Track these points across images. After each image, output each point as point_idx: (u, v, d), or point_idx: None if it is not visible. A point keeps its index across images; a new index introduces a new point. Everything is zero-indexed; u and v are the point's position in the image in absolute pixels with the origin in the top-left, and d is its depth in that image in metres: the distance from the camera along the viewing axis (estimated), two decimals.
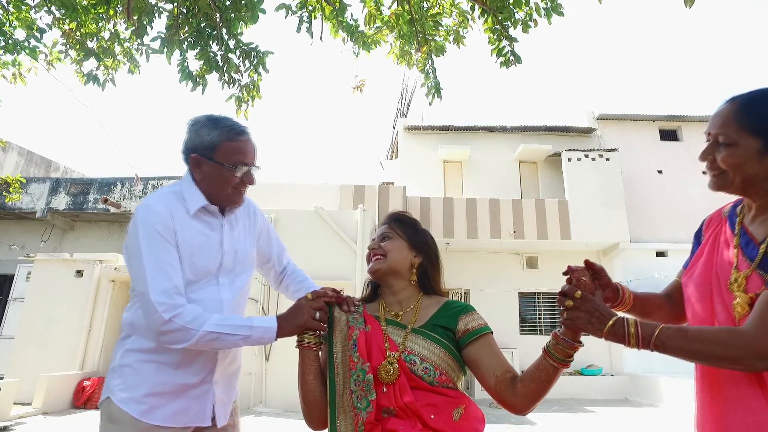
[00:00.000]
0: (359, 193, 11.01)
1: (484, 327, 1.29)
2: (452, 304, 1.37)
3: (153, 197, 1.41)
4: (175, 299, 1.28)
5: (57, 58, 4.40)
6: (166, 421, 1.34)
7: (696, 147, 12.72)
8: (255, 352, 8.46)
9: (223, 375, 1.49)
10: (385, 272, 1.39)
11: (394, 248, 1.41)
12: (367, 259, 1.45)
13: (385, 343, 1.29)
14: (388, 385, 1.23)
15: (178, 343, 1.27)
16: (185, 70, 3.85)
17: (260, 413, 7.77)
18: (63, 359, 8.36)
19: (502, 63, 3.36)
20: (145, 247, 1.30)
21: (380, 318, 1.37)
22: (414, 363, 1.24)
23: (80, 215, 12.90)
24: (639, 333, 1.00)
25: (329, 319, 1.37)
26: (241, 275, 1.54)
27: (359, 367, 1.26)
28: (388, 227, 1.47)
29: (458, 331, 1.29)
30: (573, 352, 1.11)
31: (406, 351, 1.26)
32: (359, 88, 4.70)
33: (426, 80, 3.85)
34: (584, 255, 11.63)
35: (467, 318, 1.31)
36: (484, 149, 12.89)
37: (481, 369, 1.24)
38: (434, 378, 1.22)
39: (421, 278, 1.42)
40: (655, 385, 9.36)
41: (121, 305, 9.23)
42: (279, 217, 9.26)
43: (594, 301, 1.09)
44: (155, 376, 1.35)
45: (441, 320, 1.32)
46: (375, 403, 1.21)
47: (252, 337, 1.33)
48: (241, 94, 4.01)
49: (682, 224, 11.91)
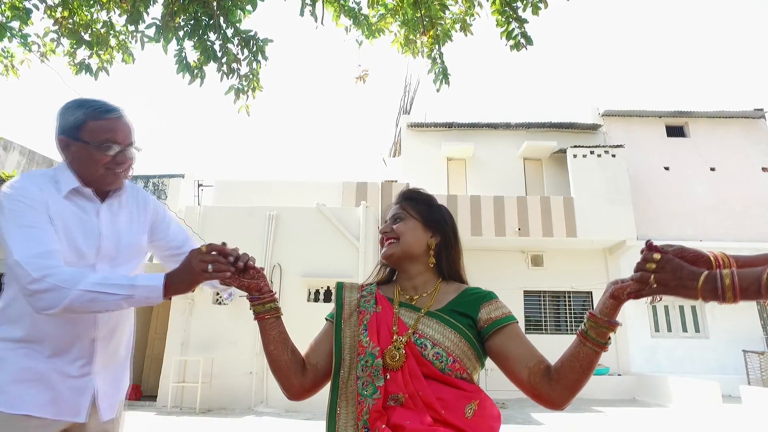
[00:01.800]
0: (362, 190, 10.87)
1: (509, 316, 1.18)
2: (472, 290, 1.26)
3: (19, 178, 1.33)
4: (47, 260, 1.17)
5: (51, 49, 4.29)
6: (32, 411, 1.22)
7: (704, 143, 12.56)
8: (256, 351, 8.34)
9: (107, 365, 1.39)
10: (399, 257, 1.27)
11: (408, 230, 1.29)
12: (380, 243, 1.33)
13: (393, 326, 1.18)
14: (393, 371, 1.11)
15: (51, 307, 1.14)
16: (182, 61, 3.72)
17: (261, 413, 7.64)
18: None
19: (512, 46, 3.21)
20: (10, 220, 1.21)
21: (394, 300, 1.26)
22: (425, 347, 1.13)
23: None
24: (736, 283, 0.84)
25: (338, 301, 1.28)
26: (125, 264, 1.45)
27: (368, 352, 1.15)
28: (400, 207, 1.34)
29: (480, 320, 1.17)
30: (612, 333, 1.02)
31: (416, 334, 1.15)
32: (362, 78, 4.56)
33: (433, 66, 3.70)
34: (590, 253, 11.52)
35: (490, 306, 1.19)
36: (488, 146, 12.73)
37: (510, 361, 1.11)
38: (446, 365, 1.10)
39: (438, 260, 1.31)
40: (664, 384, 9.19)
41: None
42: (280, 214, 9.14)
43: (677, 260, 0.93)
44: (22, 362, 1.24)
45: (460, 306, 1.20)
46: (383, 390, 1.09)
47: (135, 296, 1.19)
48: (240, 85, 3.88)
49: (690, 221, 11.74)
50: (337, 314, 1.25)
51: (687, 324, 11.17)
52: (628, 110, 12.87)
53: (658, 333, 11.08)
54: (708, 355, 10.73)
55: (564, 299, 11.41)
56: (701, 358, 10.69)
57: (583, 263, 11.34)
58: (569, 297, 11.40)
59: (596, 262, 11.51)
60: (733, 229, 11.67)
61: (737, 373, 9.93)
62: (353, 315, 1.24)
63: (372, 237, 9.07)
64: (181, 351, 8.37)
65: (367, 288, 1.32)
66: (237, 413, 7.67)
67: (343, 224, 8.98)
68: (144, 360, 9.88)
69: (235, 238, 8.85)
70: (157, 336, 9.79)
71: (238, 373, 8.24)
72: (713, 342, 10.84)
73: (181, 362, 8.21)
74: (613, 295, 0.98)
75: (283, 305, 1.25)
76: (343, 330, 1.21)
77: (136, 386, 8.83)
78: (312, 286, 8.74)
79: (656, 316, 11.21)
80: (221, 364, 8.27)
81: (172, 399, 7.92)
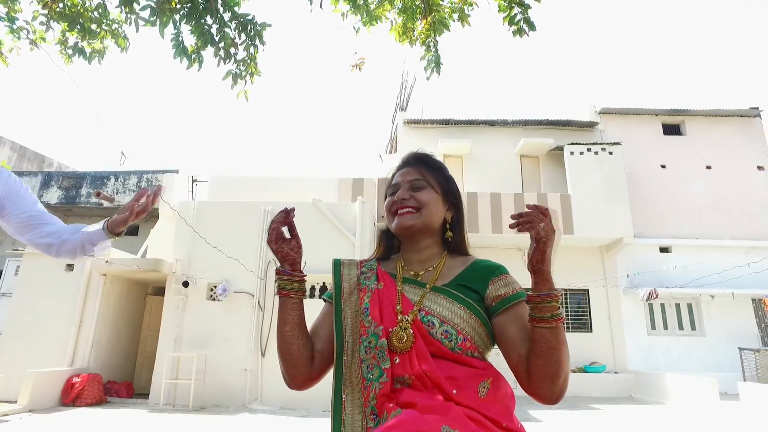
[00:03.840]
0: (358, 186, 10.79)
1: (518, 293, 1.08)
2: (481, 262, 1.17)
3: None
4: None
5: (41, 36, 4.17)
6: None
7: (700, 142, 12.56)
8: (251, 348, 8.23)
9: None
10: (419, 230, 1.17)
11: (431, 201, 1.19)
12: (389, 210, 1.21)
13: (397, 304, 1.09)
14: (402, 354, 1.02)
15: None
16: (179, 45, 3.63)
17: (256, 411, 7.53)
18: (52, 355, 8.11)
19: (515, 32, 3.13)
20: None
21: (396, 276, 1.16)
22: (432, 325, 1.04)
23: (73, 209, 12.65)
24: None
25: (336, 279, 1.18)
26: None
27: (371, 332, 1.06)
28: (418, 172, 1.22)
29: (487, 298, 1.09)
30: (549, 304, 0.97)
31: (423, 311, 1.06)
32: (358, 66, 4.47)
33: (426, 53, 3.62)
34: (587, 250, 11.48)
35: (499, 282, 1.10)
36: (485, 143, 12.67)
37: (505, 344, 1.04)
38: (456, 344, 1.02)
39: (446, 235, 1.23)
40: (661, 382, 9.16)
41: (113, 299, 8.98)
42: (276, 209, 9.02)
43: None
44: None
45: (468, 281, 1.12)
46: (389, 372, 1.00)
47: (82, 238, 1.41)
48: (238, 70, 3.79)
49: (687, 220, 11.74)
50: (336, 293, 1.16)
51: (683, 322, 11.16)
52: (624, 108, 12.85)
53: (654, 331, 11.07)
54: (704, 352, 10.73)
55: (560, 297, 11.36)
56: (697, 356, 10.69)
57: (580, 261, 11.30)
58: (566, 295, 11.36)
59: (593, 260, 11.48)
60: (729, 227, 11.68)
61: (733, 370, 9.93)
62: (353, 293, 1.15)
63: (368, 233, 8.98)
64: (174, 347, 8.24)
65: (367, 264, 1.23)
66: (231, 411, 7.55)
67: (339, 220, 8.89)
68: (137, 357, 9.73)
69: (230, 233, 8.78)
70: (150, 333, 9.65)
71: (232, 370, 8.13)
72: (709, 340, 10.84)
73: (174, 359, 8.08)
74: (531, 270, 1.00)
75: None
76: (343, 310, 1.12)
77: (128, 384, 8.69)
78: (307, 282, 8.63)
79: (653, 314, 11.20)
80: (215, 361, 8.15)
81: (165, 396, 7.79)
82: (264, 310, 8.43)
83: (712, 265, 10.80)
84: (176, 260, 8.71)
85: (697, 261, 10.96)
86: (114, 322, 8.99)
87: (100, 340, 8.56)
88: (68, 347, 8.19)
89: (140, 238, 12.06)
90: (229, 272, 8.50)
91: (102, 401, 7.83)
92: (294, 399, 7.75)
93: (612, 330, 10.98)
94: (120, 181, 12.40)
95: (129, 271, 8.75)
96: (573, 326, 11.18)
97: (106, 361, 8.68)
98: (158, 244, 10.02)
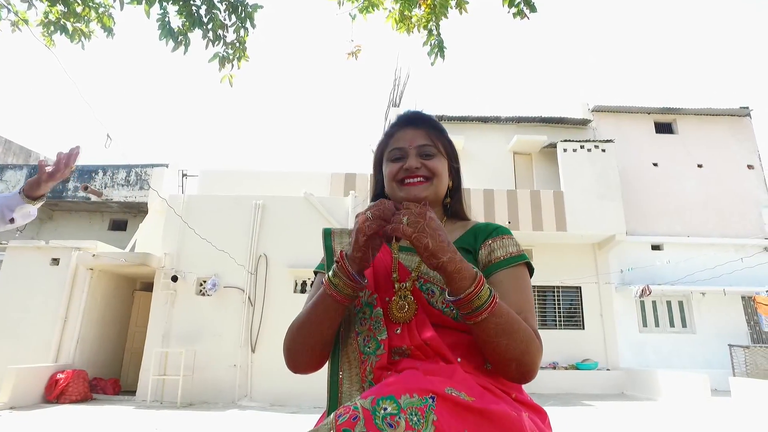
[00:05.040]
0: (350, 181, 10.69)
1: (514, 256, 0.98)
2: (482, 224, 1.08)
3: None
4: None
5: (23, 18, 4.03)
6: None
7: (692, 140, 12.63)
8: (241, 343, 8.10)
9: None
10: (430, 201, 1.06)
11: (443, 170, 1.09)
12: (394, 178, 1.07)
13: (393, 273, 1.00)
14: (404, 324, 0.93)
15: None
16: (165, 26, 3.51)
17: (245, 407, 7.41)
18: (36, 351, 7.91)
19: (515, 14, 3.08)
20: None
21: (392, 245, 1.06)
22: (432, 293, 0.95)
23: (59, 204, 12.38)
24: None
25: (328, 250, 1.10)
26: None
27: (365, 302, 0.98)
28: (426, 137, 1.09)
29: (480, 262, 1.00)
30: (475, 296, 0.82)
31: (422, 279, 0.97)
32: (354, 54, 4.37)
33: (429, 38, 3.54)
34: (579, 247, 11.48)
35: (494, 244, 1.01)
36: (478, 140, 12.62)
37: None
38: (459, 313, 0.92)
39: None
40: (653, 379, 9.17)
41: (100, 295, 8.79)
42: (267, 203, 8.91)
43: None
44: None
45: (468, 244, 1.03)
46: (386, 344, 0.91)
47: None
48: (226, 53, 3.67)
49: (678, 217, 11.78)
50: (329, 263, 1.06)
51: (674, 319, 11.21)
52: (617, 106, 12.87)
53: (646, 328, 11.09)
54: (695, 349, 10.77)
55: (553, 294, 11.35)
56: (688, 353, 10.73)
57: (573, 258, 11.30)
58: (558, 292, 11.35)
59: (585, 257, 11.48)
60: (720, 225, 11.75)
61: (723, 367, 9.97)
62: None
63: None
64: (163, 343, 8.08)
65: None
66: (220, 407, 7.42)
67: (332, 214, 8.78)
68: (124, 354, 9.55)
69: (220, 227, 8.62)
70: (138, 329, 9.47)
71: (221, 366, 7.99)
72: (700, 337, 10.88)
73: (162, 354, 7.92)
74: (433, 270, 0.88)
75: (269, 296, 1.07)
76: None
77: (114, 380, 8.50)
78: (299, 277, 8.52)
79: (644, 311, 11.22)
80: (204, 357, 8.01)
81: (152, 393, 7.63)
82: (254, 305, 8.29)
83: (703, 263, 10.85)
84: (165, 254, 8.55)
85: (688, 258, 11.00)
86: (101, 317, 8.80)
87: (86, 335, 8.37)
88: (53, 343, 7.99)
89: (129, 233, 11.85)
90: (219, 267, 8.36)
91: (87, 398, 7.65)
92: (284, 395, 7.63)
93: (604, 327, 10.98)
94: (108, 175, 12.15)
95: (116, 266, 8.57)
96: (565, 323, 11.17)
97: (92, 358, 8.49)
98: (147, 239, 9.84)
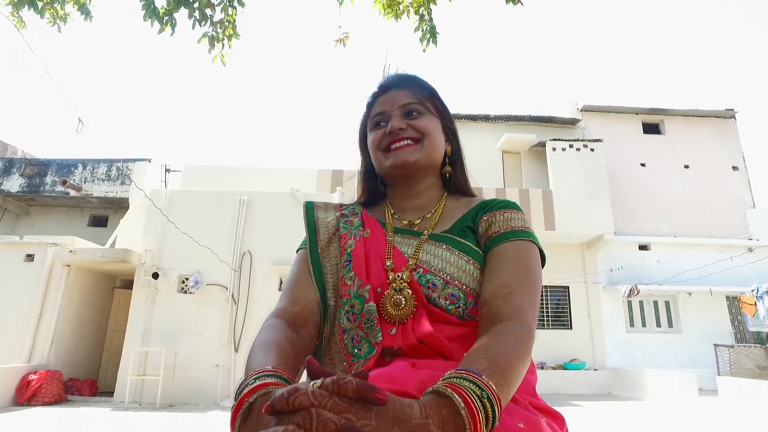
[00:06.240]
0: (337, 177, 10.51)
1: (515, 230, 0.82)
2: (488, 200, 0.92)
3: None
4: None
5: None
6: None
7: (679, 141, 12.69)
8: (223, 343, 7.88)
9: None
10: (422, 165, 0.90)
11: (435, 128, 0.92)
12: (378, 146, 0.91)
13: (387, 260, 0.82)
14: (400, 325, 0.76)
15: None
16: (149, 6, 3.31)
17: (227, 408, 7.19)
18: (8, 351, 7.60)
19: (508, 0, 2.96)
20: None
21: (386, 225, 0.90)
22: (433, 287, 0.78)
23: (36, 199, 11.99)
24: None
25: (310, 225, 0.93)
26: None
27: (353, 292, 0.80)
28: (412, 95, 0.92)
29: (480, 239, 0.85)
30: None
31: (420, 269, 0.80)
32: (342, 41, 4.22)
33: (420, 23, 3.41)
34: (567, 247, 11.44)
35: (493, 217, 0.85)
36: (467, 138, 12.35)
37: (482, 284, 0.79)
38: (465, 310, 0.78)
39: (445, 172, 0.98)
40: (640, 378, 9.15)
41: (76, 292, 8.49)
42: (252, 199, 8.69)
43: None
44: None
45: (469, 221, 0.88)
46: (380, 348, 0.75)
47: None
48: (214, 33, 3.48)
49: (665, 217, 11.83)
50: (312, 241, 0.90)
51: (661, 319, 11.23)
52: (606, 106, 12.88)
53: (633, 328, 11.10)
54: (681, 349, 10.80)
55: (541, 294, 11.30)
56: (674, 353, 10.76)
57: (561, 257, 11.26)
58: (546, 292, 11.30)
59: (573, 257, 11.45)
60: (706, 225, 11.82)
61: (708, 366, 10.00)
62: (333, 241, 0.89)
63: None
64: (142, 342, 7.82)
65: (349, 207, 0.97)
66: (201, 408, 7.19)
67: None
68: (102, 354, 9.25)
69: (203, 223, 8.38)
70: (117, 328, 9.18)
71: (203, 366, 7.76)
72: (686, 337, 10.92)
73: (141, 354, 7.66)
74: None
75: (253, 294, 0.91)
76: (322, 264, 0.86)
77: (91, 381, 8.21)
78: (284, 275, 8.32)
79: (631, 311, 11.23)
80: (185, 356, 7.77)
81: (131, 393, 7.38)
82: (238, 303, 8.07)
83: (690, 263, 10.89)
84: (146, 251, 8.28)
85: (675, 258, 11.03)
86: (78, 316, 8.50)
87: (62, 335, 8.07)
88: (26, 342, 7.68)
89: (109, 230, 11.51)
90: (202, 264, 8.12)
91: (62, 400, 7.37)
92: None
93: (591, 327, 10.96)
94: (88, 169, 11.79)
95: (95, 263, 8.28)
96: (553, 323, 11.12)
97: (67, 358, 8.19)
98: (128, 236, 9.55)
